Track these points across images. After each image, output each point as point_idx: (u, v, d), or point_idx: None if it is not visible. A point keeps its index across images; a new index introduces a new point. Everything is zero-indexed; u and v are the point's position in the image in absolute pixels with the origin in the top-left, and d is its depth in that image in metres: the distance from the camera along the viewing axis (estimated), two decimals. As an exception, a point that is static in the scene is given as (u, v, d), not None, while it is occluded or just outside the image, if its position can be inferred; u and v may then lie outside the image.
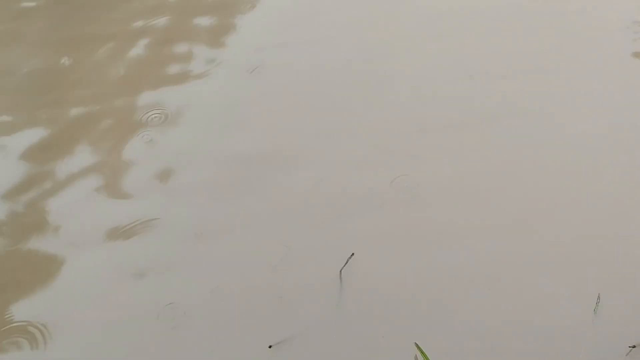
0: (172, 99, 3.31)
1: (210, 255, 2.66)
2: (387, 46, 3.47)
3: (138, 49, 3.63)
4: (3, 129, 3.29)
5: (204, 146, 3.07)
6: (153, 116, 3.22)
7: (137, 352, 2.42)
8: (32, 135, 3.22)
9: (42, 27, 3.88)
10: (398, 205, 2.74)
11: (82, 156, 3.09)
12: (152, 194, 2.89)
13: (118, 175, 2.98)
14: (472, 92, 3.17)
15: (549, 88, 3.15)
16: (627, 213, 2.65)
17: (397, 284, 2.51)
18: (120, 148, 3.10)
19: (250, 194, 2.85)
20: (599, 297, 2.36)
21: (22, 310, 2.54)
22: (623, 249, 2.53)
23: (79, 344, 2.44)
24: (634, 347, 2.31)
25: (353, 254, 2.57)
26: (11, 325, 2.49)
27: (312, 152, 2.99)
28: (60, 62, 3.61)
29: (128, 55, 3.60)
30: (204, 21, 3.80)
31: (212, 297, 2.52)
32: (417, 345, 2.31)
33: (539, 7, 3.60)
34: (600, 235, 2.59)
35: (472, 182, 2.80)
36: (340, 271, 2.54)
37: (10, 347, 2.44)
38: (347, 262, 2.55)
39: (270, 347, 2.36)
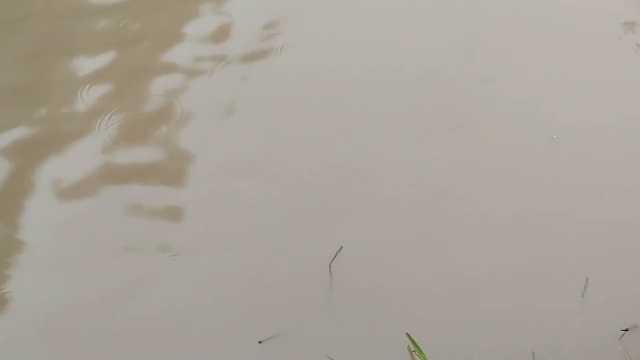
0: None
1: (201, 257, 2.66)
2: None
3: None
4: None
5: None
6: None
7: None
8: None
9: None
10: (387, 197, 2.74)
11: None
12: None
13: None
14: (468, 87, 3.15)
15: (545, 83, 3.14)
16: (613, 198, 2.65)
17: (387, 276, 2.50)
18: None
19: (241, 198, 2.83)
20: (586, 281, 2.35)
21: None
22: (609, 232, 2.54)
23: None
24: (626, 330, 2.31)
25: (342, 247, 2.56)
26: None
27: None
28: (44, 77, 3.47)
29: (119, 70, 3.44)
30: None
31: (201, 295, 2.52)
32: (408, 335, 2.30)
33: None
34: (586, 219, 2.60)
35: (467, 173, 2.79)
36: (330, 265, 2.53)
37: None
38: (335, 255, 2.54)
39: (260, 342, 2.36)
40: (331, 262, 2.53)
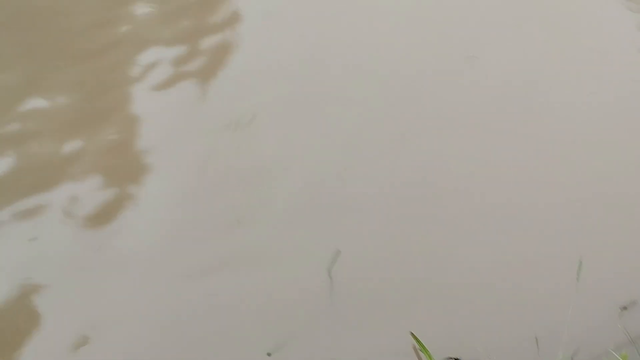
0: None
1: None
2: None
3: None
4: None
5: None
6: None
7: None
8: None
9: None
10: (380, 199, 2.75)
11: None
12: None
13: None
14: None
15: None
16: (605, 178, 2.70)
17: (386, 276, 2.53)
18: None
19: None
20: (580, 263, 2.38)
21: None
22: (601, 213, 2.58)
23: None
24: (625, 308, 2.33)
25: (340, 251, 2.58)
26: None
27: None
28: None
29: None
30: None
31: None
32: (412, 334, 2.33)
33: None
34: (578, 200, 2.64)
35: (458, 169, 2.81)
36: (330, 270, 2.56)
37: None
38: (334, 260, 2.57)
39: (269, 354, 2.39)
40: (330, 267, 2.56)
